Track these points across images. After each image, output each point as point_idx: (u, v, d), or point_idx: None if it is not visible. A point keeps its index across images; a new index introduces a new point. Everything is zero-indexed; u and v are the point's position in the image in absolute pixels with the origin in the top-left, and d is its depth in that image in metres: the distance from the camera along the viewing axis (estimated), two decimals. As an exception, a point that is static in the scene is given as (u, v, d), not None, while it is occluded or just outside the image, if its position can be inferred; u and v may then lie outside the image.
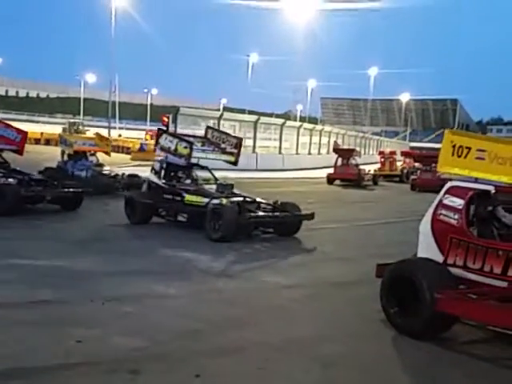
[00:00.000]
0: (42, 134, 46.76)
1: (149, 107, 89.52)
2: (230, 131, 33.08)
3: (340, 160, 25.70)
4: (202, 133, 13.48)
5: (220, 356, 4.11)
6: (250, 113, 54.99)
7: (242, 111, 63.22)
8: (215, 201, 9.10)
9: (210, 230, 8.72)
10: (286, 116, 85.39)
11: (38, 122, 69.09)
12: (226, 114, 32.65)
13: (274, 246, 8.85)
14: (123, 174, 16.05)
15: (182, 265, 7.12)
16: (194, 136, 12.71)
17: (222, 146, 11.46)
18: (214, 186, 10.22)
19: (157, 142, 11.24)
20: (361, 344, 4.57)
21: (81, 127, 52.27)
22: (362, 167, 26.26)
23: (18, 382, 3.50)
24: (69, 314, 4.91)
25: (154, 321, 4.87)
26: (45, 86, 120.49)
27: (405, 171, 30.41)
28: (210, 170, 11.31)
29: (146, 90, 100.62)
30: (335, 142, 40.16)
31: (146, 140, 41.44)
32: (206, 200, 9.34)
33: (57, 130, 53.81)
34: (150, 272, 6.68)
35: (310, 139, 39.40)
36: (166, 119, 27.82)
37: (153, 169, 10.89)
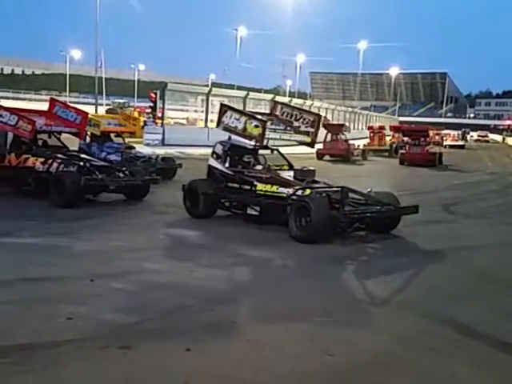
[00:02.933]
0: (28, 111, 46.09)
1: (136, 83, 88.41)
2: (218, 108, 33.02)
3: (329, 135, 25.70)
4: (189, 109, 13.22)
5: (210, 330, 4.15)
6: (239, 88, 54.51)
7: (231, 87, 62.71)
8: (299, 192, 7.82)
9: (295, 228, 7.33)
10: (276, 91, 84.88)
11: (24, 99, 68.15)
12: (215, 90, 32.38)
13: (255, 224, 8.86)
14: (157, 157, 14.73)
15: (173, 241, 7.14)
16: (257, 113, 10.59)
17: (295, 124, 9.73)
18: (291, 173, 8.67)
19: (219, 121, 9.58)
20: (346, 316, 4.63)
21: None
22: (351, 142, 26.29)
23: (7, 359, 3.51)
24: (59, 292, 4.92)
25: (144, 297, 4.89)
26: (30, 63, 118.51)
27: (394, 146, 30.52)
28: (281, 154, 9.68)
29: (133, 66, 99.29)
30: (324, 117, 40.03)
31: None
32: (285, 191, 8.02)
33: (43, 107, 53.22)
34: (139, 249, 6.70)
35: (300, 114, 39.21)
36: (153, 95, 27.59)
37: (214, 153, 9.38)
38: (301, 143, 10.02)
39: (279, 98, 28.17)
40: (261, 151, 9.52)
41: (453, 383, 3.55)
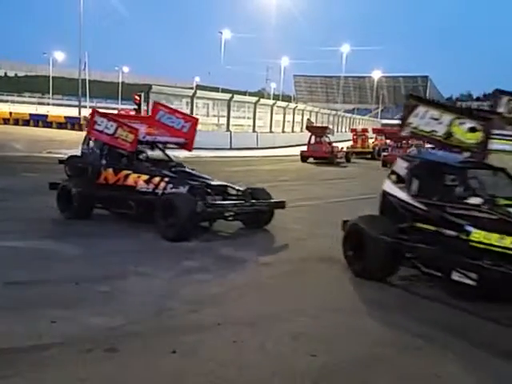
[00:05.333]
0: (10, 113, 45.67)
1: (120, 85, 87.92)
2: (204, 110, 33.00)
3: (313, 138, 25.82)
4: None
5: (195, 332, 4.17)
6: (224, 91, 54.50)
7: (216, 89, 62.65)
8: None
9: None
10: (260, 94, 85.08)
11: (6, 101, 67.41)
12: (200, 93, 32.34)
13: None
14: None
15: (159, 244, 7.14)
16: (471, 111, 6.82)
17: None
18: None
19: (405, 122, 6.52)
20: (331, 317, 4.68)
21: None
22: (334, 145, 26.43)
23: (-8, 363, 3.49)
24: (43, 295, 4.90)
25: (129, 300, 4.89)
26: (12, 65, 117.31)
27: (376, 148, 30.77)
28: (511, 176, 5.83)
29: (117, 68, 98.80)
30: (308, 119, 40.22)
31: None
32: None
33: (26, 109, 52.74)
34: (124, 252, 6.68)
35: (284, 117, 39.40)
36: (137, 98, 27.40)
37: (393, 173, 6.48)
38: None
39: None
40: (474, 171, 6.02)
41: (437, 383, 3.61)
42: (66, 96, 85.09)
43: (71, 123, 42.33)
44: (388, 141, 28.03)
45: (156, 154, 9.41)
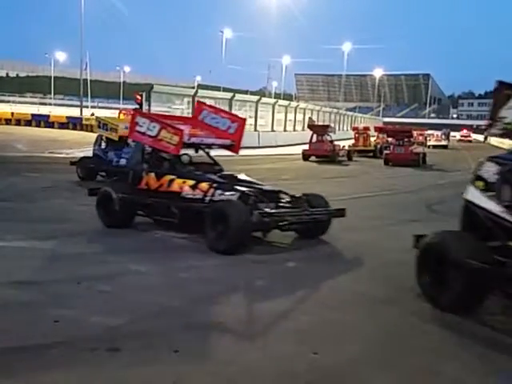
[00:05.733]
0: (12, 114, 45.77)
1: (121, 85, 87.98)
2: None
3: (315, 136, 25.80)
4: (175, 111, 12.88)
5: (197, 331, 4.17)
6: (225, 90, 54.52)
7: (217, 88, 62.66)
8: None
9: None
10: (261, 93, 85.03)
11: (8, 101, 67.53)
12: (201, 92, 32.35)
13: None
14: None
15: (159, 243, 7.15)
16: None
17: None
18: None
19: (495, 116, 5.32)
20: (334, 316, 4.67)
21: None
22: (336, 143, 26.41)
23: (-5, 363, 3.50)
24: (45, 295, 4.91)
25: (131, 299, 4.89)
26: (14, 65, 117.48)
27: (378, 146, 30.73)
28: None
29: (118, 68, 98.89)
30: (310, 118, 40.18)
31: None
32: None
33: (27, 109, 52.83)
34: (125, 251, 6.69)
35: (285, 116, 39.37)
36: (139, 97, 27.41)
37: (478, 178, 5.28)
38: None
39: None
40: None
41: (439, 380, 3.61)
42: (67, 96, 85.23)
43: (73, 123, 42.39)
44: (390, 139, 28.00)
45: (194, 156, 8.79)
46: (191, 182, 7.59)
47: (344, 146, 27.45)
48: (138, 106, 28.00)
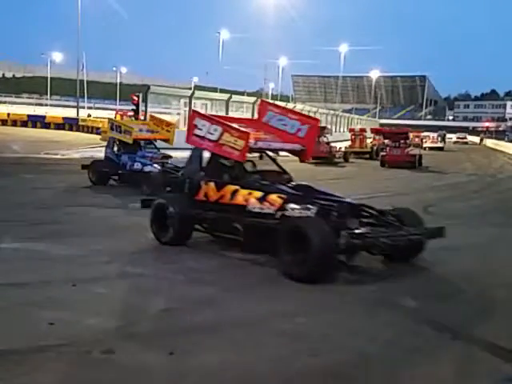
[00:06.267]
0: (8, 114, 45.65)
1: (118, 86, 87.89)
2: (202, 110, 32.97)
3: (311, 138, 25.82)
4: (172, 112, 12.80)
5: (193, 333, 4.17)
6: (222, 91, 54.52)
7: (214, 89, 62.66)
8: None
9: None
10: (258, 94, 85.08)
11: (4, 102, 67.38)
12: (198, 93, 32.34)
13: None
14: None
15: (155, 244, 7.13)
16: None
17: None
18: None
19: None
20: (331, 317, 4.67)
21: None
22: (333, 144, 26.44)
23: (-11, 365, 3.49)
24: (40, 297, 4.89)
25: (126, 301, 4.89)
26: (10, 66, 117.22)
27: (374, 148, 30.80)
28: None
29: (115, 69, 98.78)
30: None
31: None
32: None
33: (24, 110, 52.72)
34: (121, 252, 6.67)
35: (282, 117, 39.31)
36: (135, 98, 27.39)
37: None
38: None
39: None
40: None
41: (434, 382, 3.62)
42: (64, 97, 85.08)
43: (69, 124, 42.34)
44: (386, 140, 28.05)
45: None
46: (258, 194, 6.56)
47: (340, 148, 27.49)
48: (134, 107, 28.03)
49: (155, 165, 12.18)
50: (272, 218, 6.32)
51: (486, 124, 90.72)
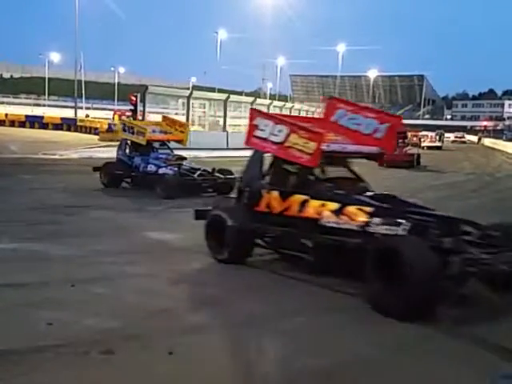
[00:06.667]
0: (6, 115, 45.58)
1: (116, 86, 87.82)
2: (200, 110, 32.96)
3: (310, 137, 25.82)
4: (170, 112, 12.68)
5: (192, 333, 4.16)
6: (220, 91, 54.48)
7: (212, 89, 62.64)
8: None
9: None
10: (256, 94, 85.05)
11: (2, 102, 67.29)
12: (196, 93, 32.35)
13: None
14: (214, 169, 11.94)
15: (153, 244, 7.12)
16: None
17: None
18: None
19: None
20: (330, 317, 4.67)
21: None
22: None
23: (-12, 365, 3.48)
24: (38, 297, 4.88)
25: (125, 301, 4.88)
26: (8, 66, 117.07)
27: (373, 147, 30.75)
28: None
29: (112, 69, 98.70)
30: (305, 119, 40.14)
31: (114, 120, 40.87)
32: None
33: (22, 110, 52.66)
34: (119, 252, 6.66)
35: (280, 117, 39.35)
36: (133, 98, 27.38)
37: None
38: None
39: None
40: None
41: (435, 382, 3.62)
42: (61, 97, 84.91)
43: (67, 124, 42.30)
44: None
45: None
46: (334, 206, 5.59)
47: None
48: (132, 107, 28.02)
49: (169, 167, 11.84)
50: (352, 236, 5.25)
51: (484, 123, 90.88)
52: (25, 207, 9.60)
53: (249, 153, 6.92)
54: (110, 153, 17.38)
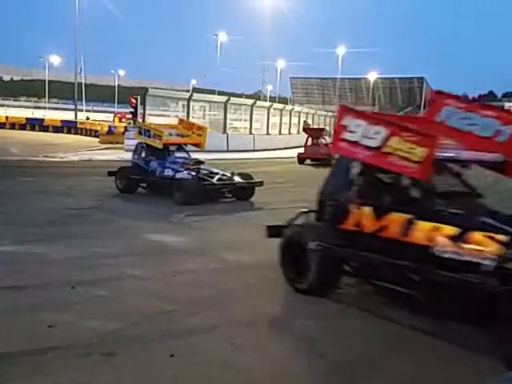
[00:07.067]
0: (6, 117, 45.61)
1: (116, 89, 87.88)
2: (200, 113, 32.96)
3: (310, 139, 25.84)
4: (170, 115, 12.38)
5: (193, 335, 4.17)
6: (220, 93, 54.55)
7: (212, 92, 62.72)
8: None
9: None
10: (256, 96, 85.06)
11: (2, 105, 67.33)
12: (196, 95, 32.29)
13: (239, 226, 8.87)
14: (233, 173, 11.50)
15: (153, 247, 7.12)
16: None
17: None
18: None
19: None
20: (330, 318, 4.67)
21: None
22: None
23: (-11, 368, 3.48)
24: (39, 300, 4.89)
25: (126, 303, 4.88)
26: (8, 69, 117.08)
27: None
28: None
29: (112, 72, 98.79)
30: (305, 121, 40.23)
31: (114, 123, 40.92)
32: None
33: (22, 113, 52.71)
34: (119, 255, 6.66)
35: (281, 119, 39.35)
36: (134, 101, 27.38)
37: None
38: None
39: None
40: None
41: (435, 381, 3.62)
42: (62, 100, 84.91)
43: (68, 127, 42.33)
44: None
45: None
46: (451, 230, 4.34)
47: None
48: (132, 110, 28.04)
49: (187, 171, 11.38)
50: (479, 272, 4.02)
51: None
52: (25, 209, 9.60)
53: (248, 155, 7.03)
54: (109, 155, 17.38)
